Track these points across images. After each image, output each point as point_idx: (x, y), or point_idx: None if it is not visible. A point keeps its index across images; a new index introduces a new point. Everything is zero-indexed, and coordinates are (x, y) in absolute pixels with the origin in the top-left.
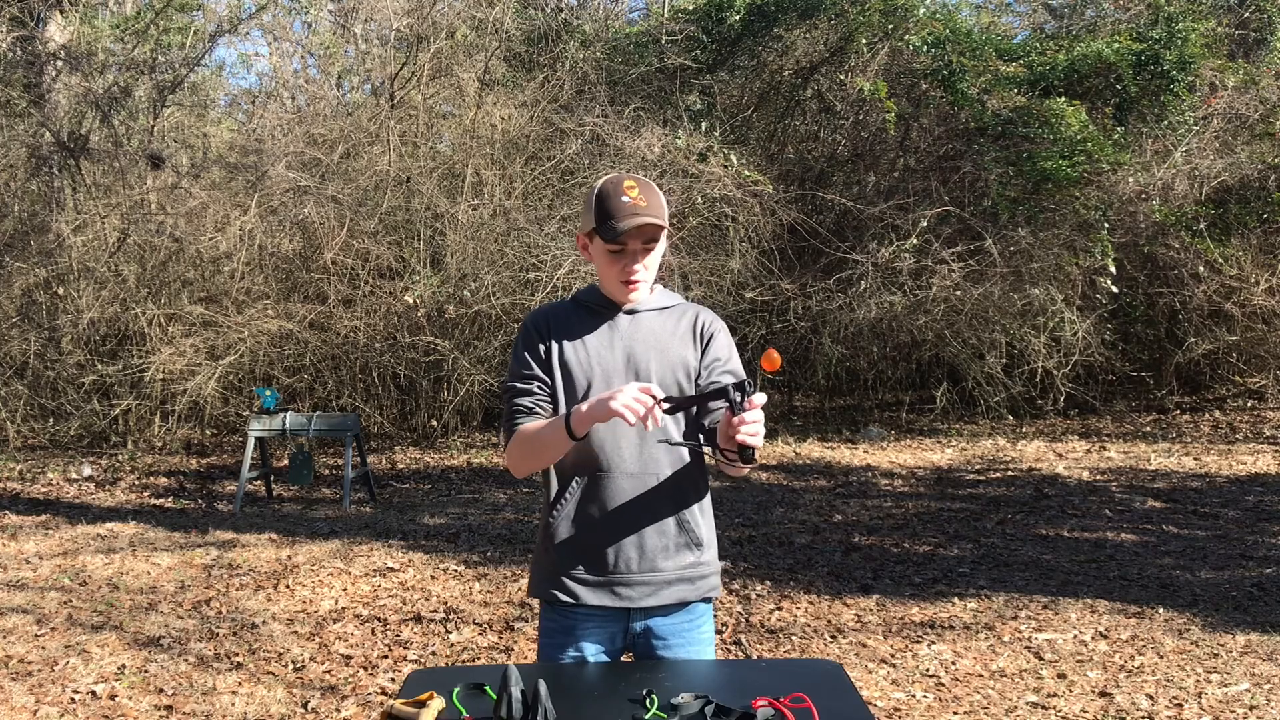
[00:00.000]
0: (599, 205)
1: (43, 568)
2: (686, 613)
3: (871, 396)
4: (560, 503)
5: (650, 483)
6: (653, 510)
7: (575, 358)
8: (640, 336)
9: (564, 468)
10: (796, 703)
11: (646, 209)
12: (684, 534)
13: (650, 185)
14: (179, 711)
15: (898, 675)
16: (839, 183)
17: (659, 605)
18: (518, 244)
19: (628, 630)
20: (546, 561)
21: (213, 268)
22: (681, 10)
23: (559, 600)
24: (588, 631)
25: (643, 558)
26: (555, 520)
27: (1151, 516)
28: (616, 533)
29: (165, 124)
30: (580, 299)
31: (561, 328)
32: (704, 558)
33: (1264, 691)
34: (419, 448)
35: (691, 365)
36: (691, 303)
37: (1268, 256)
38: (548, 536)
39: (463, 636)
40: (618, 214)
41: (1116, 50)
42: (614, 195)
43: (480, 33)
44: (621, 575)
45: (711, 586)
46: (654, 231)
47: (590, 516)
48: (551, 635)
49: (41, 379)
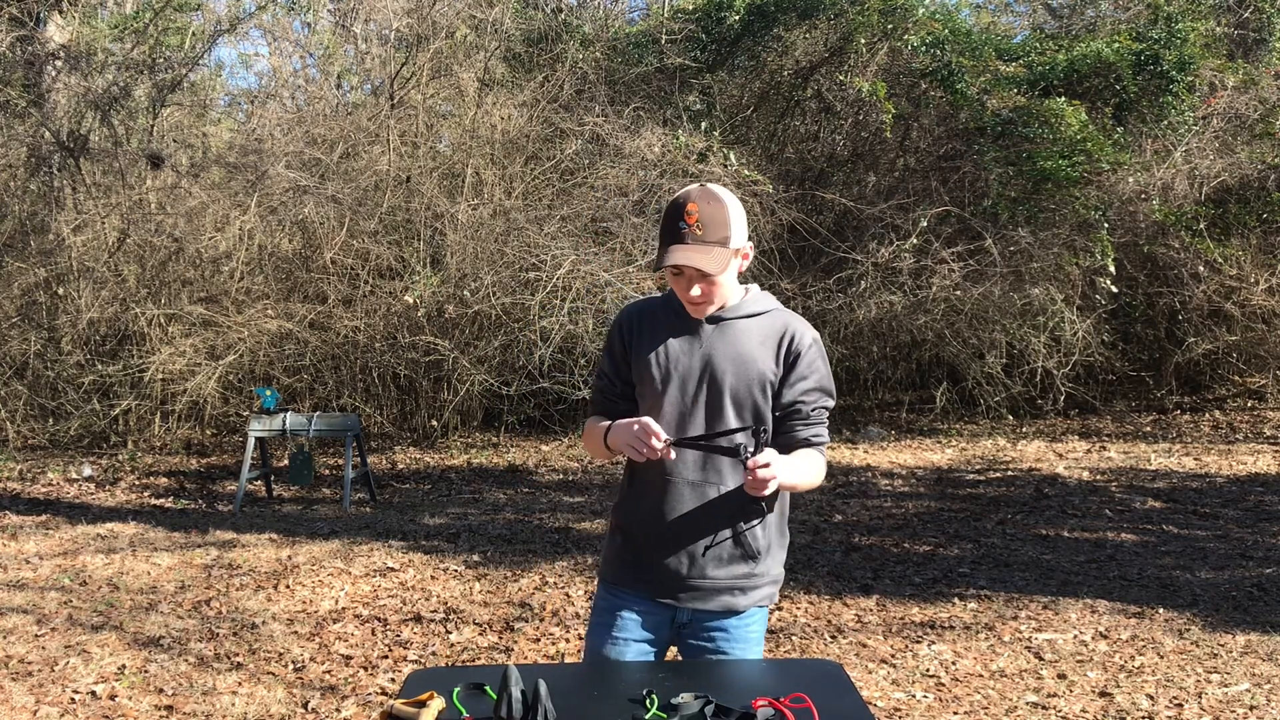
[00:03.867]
0: (663, 224)
1: (43, 568)
2: (737, 614)
3: (871, 396)
4: (626, 497)
5: (711, 493)
6: (711, 520)
7: (655, 361)
8: (721, 346)
9: (635, 465)
10: (796, 703)
11: (701, 236)
12: (740, 547)
13: (720, 205)
14: (179, 711)
15: (898, 675)
16: (839, 183)
17: (705, 609)
18: (518, 244)
19: (674, 622)
20: (611, 545)
21: (212, 268)
22: (681, 10)
23: (613, 582)
24: (635, 614)
25: (693, 564)
26: (621, 508)
27: (1151, 516)
28: (672, 536)
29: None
30: (670, 298)
31: (647, 328)
32: (759, 569)
33: (1264, 691)
34: (419, 448)
35: (771, 379)
36: (786, 310)
37: (1267, 256)
38: (613, 527)
39: (463, 636)
40: (670, 240)
41: (1116, 50)
42: (676, 216)
43: (480, 33)
44: (672, 577)
45: (765, 596)
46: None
47: (649, 517)
48: (601, 613)
49: (41, 379)
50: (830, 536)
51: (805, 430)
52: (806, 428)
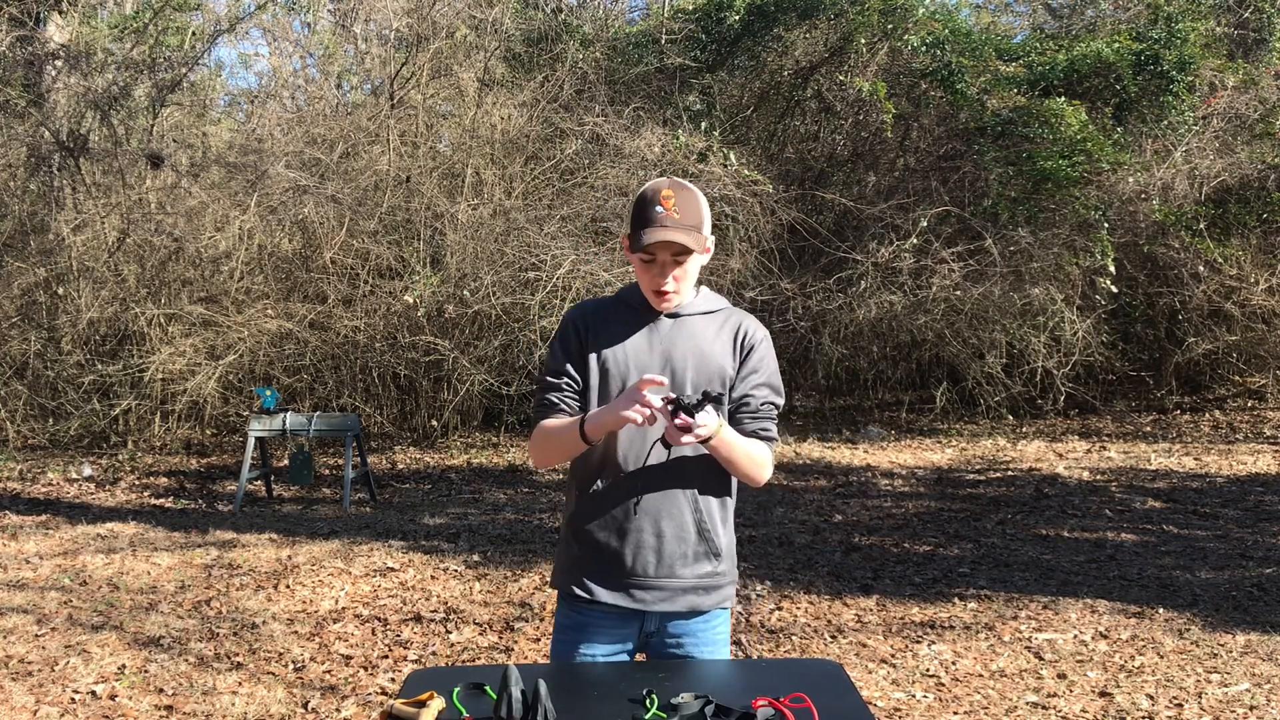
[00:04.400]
0: (636, 211)
1: (43, 568)
2: (701, 616)
3: (871, 396)
4: (583, 500)
5: (673, 489)
6: (674, 516)
7: (613, 358)
8: (680, 341)
9: (589, 466)
10: (796, 703)
11: (679, 221)
12: (704, 543)
13: (691, 194)
14: (179, 711)
15: (898, 675)
16: (839, 182)
17: (673, 611)
18: (517, 244)
19: (641, 630)
20: (567, 556)
21: (212, 267)
22: (681, 10)
23: (576, 595)
24: (601, 631)
25: (660, 563)
26: (577, 515)
27: (1151, 516)
28: (636, 535)
29: (164, 124)
30: (624, 297)
31: (602, 326)
32: (721, 568)
33: (1264, 691)
34: (419, 448)
35: (730, 373)
36: (737, 309)
37: (1268, 256)
38: (570, 532)
39: (463, 636)
40: (646, 223)
41: (1116, 50)
42: (650, 203)
43: (480, 33)
44: (639, 579)
45: (726, 597)
46: (679, 247)
47: (612, 518)
48: (565, 632)
49: (41, 379)
50: (830, 536)
51: (752, 424)
52: (754, 420)
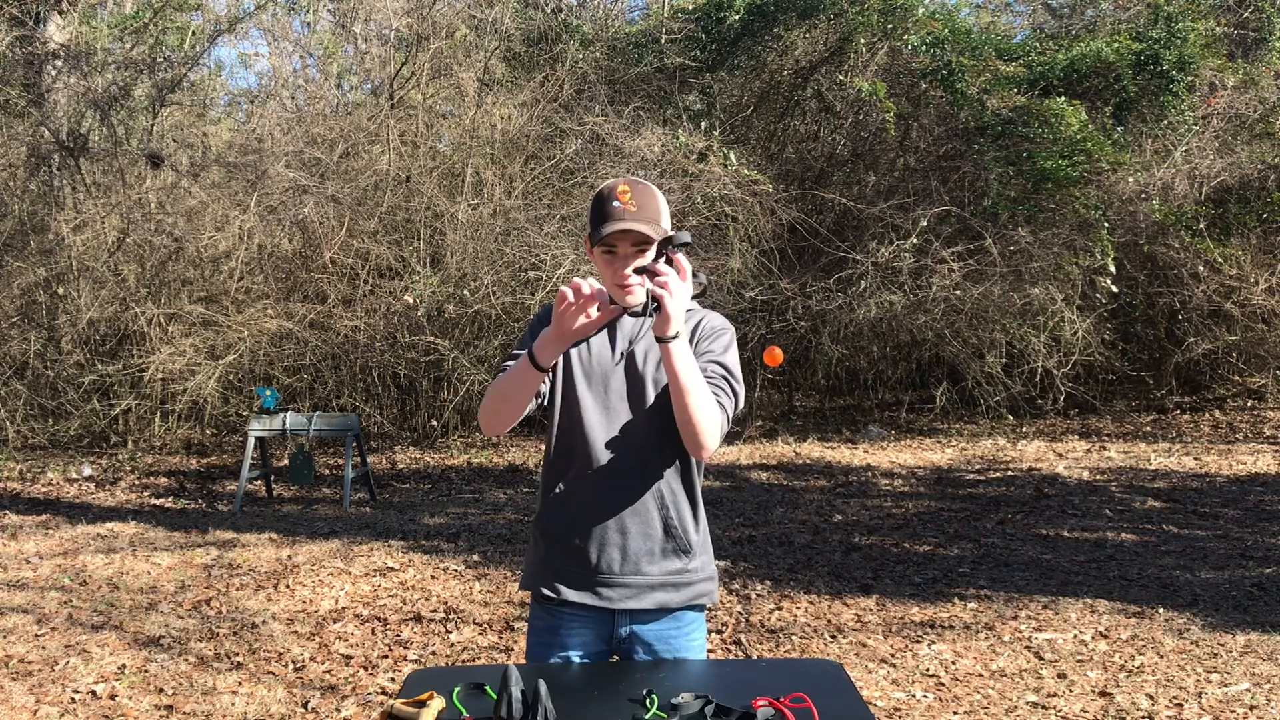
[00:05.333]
0: (594, 209)
1: (43, 568)
2: (673, 620)
3: (871, 396)
4: (549, 498)
5: (638, 485)
6: (639, 513)
7: (575, 353)
8: (643, 336)
9: (554, 464)
10: (796, 703)
11: (636, 214)
12: (671, 540)
13: (647, 189)
14: (179, 711)
15: (898, 675)
16: (839, 182)
17: (641, 609)
18: (517, 243)
19: (613, 634)
20: (535, 556)
21: (212, 267)
22: (681, 10)
23: (543, 595)
24: (573, 632)
25: (625, 560)
26: (543, 515)
27: (1151, 516)
28: (601, 532)
29: (165, 123)
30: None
31: None
32: (692, 564)
33: (1264, 691)
34: (419, 448)
35: None
36: (710, 311)
37: (1268, 256)
38: (537, 533)
39: (463, 636)
40: (605, 218)
41: (1116, 50)
42: (607, 200)
43: (480, 33)
44: (604, 575)
45: (700, 594)
46: (639, 237)
47: (576, 514)
48: (539, 634)
49: (41, 379)
50: (830, 536)
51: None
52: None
